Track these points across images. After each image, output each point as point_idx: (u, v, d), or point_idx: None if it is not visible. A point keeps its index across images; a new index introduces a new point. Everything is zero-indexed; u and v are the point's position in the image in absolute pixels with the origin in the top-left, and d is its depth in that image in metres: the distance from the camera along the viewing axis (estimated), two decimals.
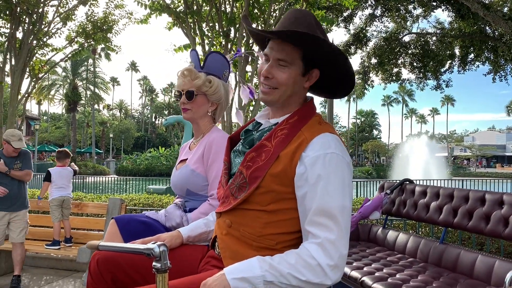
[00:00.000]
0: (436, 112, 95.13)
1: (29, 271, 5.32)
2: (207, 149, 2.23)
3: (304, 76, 1.53)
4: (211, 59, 2.33)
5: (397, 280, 2.63)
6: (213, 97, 2.32)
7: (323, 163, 1.39)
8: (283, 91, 1.51)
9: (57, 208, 5.19)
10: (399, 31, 16.13)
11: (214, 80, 2.30)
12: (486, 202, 2.77)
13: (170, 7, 7.08)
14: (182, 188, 2.28)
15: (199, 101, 2.30)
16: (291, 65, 1.49)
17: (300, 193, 1.42)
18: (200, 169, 2.22)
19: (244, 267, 1.35)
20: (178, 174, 2.30)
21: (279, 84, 1.50)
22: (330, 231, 1.35)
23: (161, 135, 76.09)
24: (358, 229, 3.79)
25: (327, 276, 1.34)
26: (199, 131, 2.38)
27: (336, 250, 1.34)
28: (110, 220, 2.20)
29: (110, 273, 1.66)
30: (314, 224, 1.38)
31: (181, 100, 2.30)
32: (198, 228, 1.88)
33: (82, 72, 52.64)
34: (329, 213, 1.36)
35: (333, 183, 1.38)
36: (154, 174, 34.42)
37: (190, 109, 2.30)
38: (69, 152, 5.69)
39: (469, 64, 16.00)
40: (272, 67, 1.50)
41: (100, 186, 17.03)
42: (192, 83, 2.27)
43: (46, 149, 51.53)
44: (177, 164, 2.43)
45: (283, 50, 1.48)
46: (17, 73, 9.48)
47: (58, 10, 10.06)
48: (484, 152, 65.55)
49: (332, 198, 1.37)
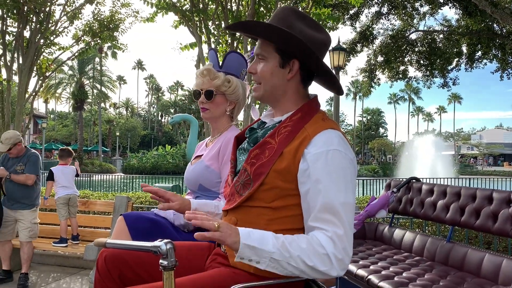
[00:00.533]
0: (443, 110, 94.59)
1: (37, 268, 5.37)
2: (223, 147, 2.25)
3: (283, 68, 1.56)
4: (230, 59, 2.36)
5: (403, 278, 2.62)
6: (231, 96, 2.35)
7: (326, 160, 1.40)
8: (264, 83, 1.58)
9: (64, 207, 5.21)
10: (405, 28, 16.04)
11: (232, 80, 2.33)
12: (493, 200, 2.76)
13: (176, 6, 7.10)
14: (195, 183, 2.31)
15: (218, 101, 2.33)
16: (268, 58, 1.56)
17: (303, 189, 1.43)
18: (215, 165, 2.25)
19: (258, 237, 1.34)
20: (193, 169, 2.34)
21: (261, 78, 1.58)
22: (337, 226, 1.37)
23: (167, 133, 76.30)
24: (364, 227, 3.78)
25: (333, 267, 1.35)
26: (216, 130, 2.41)
27: (343, 244, 1.36)
28: (118, 217, 2.21)
29: (117, 270, 1.67)
30: (319, 220, 1.39)
31: (200, 99, 2.33)
32: (207, 206, 1.98)
33: (88, 70, 52.83)
34: (333, 209, 1.37)
35: (335, 180, 1.39)
36: (160, 172, 34.56)
37: (209, 108, 2.33)
38: (72, 150, 5.65)
39: (476, 61, 15.88)
40: (255, 63, 1.60)
41: (106, 184, 17.11)
42: (211, 82, 2.30)
43: (53, 147, 51.80)
44: (192, 159, 2.46)
45: (260, 45, 1.58)
46: (25, 71, 9.54)
47: (65, 9, 10.10)
48: (492, 150, 65.07)
49: (335, 195, 1.38)
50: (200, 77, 2.32)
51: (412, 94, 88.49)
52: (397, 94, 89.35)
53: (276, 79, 1.57)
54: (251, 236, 1.34)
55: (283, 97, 1.60)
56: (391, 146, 73.48)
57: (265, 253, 1.33)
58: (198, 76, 2.34)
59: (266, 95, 1.60)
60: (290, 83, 1.59)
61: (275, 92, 1.59)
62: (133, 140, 63.80)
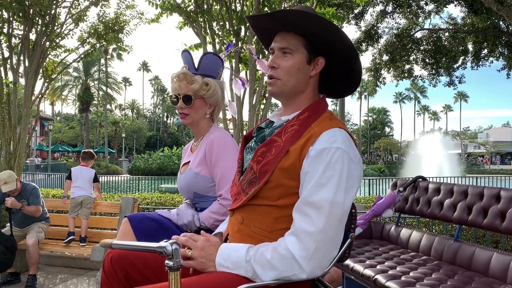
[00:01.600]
0: (449, 109, 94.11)
1: (44, 269, 5.39)
2: (208, 150, 2.22)
3: (309, 64, 1.55)
4: (206, 61, 2.31)
5: (410, 278, 2.60)
6: (210, 99, 2.31)
7: (325, 156, 1.39)
8: (286, 80, 1.54)
9: (75, 207, 5.30)
10: (411, 27, 15.97)
11: (210, 83, 2.28)
12: (501, 199, 2.73)
13: (180, 7, 7.11)
14: (189, 192, 2.29)
15: (197, 105, 2.28)
16: (295, 52, 1.53)
17: (300, 185, 1.44)
18: (204, 171, 2.22)
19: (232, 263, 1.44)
20: (183, 178, 2.30)
21: (283, 73, 1.53)
22: (311, 222, 1.35)
23: (172, 135, 76.46)
24: (371, 227, 3.76)
25: (301, 269, 1.35)
26: (198, 134, 2.37)
27: (313, 242, 1.35)
28: (123, 219, 2.22)
29: (123, 271, 1.67)
30: (298, 212, 1.39)
31: (178, 105, 2.27)
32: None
33: (94, 72, 53.10)
34: (315, 204, 1.36)
35: (328, 176, 1.38)
36: (166, 173, 34.58)
37: (189, 113, 2.28)
38: (94, 153, 5.89)
39: (482, 59, 15.77)
40: (277, 57, 1.54)
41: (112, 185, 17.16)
42: (188, 87, 2.24)
43: (60, 149, 52.17)
44: (181, 167, 2.42)
45: (285, 39, 1.53)
46: (31, 74, 9.58)
47: (70, 12, 10.13)
48: (499, 149, 64.63)
49: (322, 190, 1.37)
50: (177, 82, 2.26)
51: (418, 93, 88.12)
52: (402, 93, 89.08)
53: (301, 75, 1.55)
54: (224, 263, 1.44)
55: (301, 94, 1.58)
56: (397, 145, 73.15)
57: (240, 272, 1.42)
58: (174, 81, 2.27)
59: (286, 91, 1.57)
60: (311, 80, 1.58)
61: (296, 88, 1.57)
62: (139, 141, 64.00)
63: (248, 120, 7.18)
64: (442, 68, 16.15)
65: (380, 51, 16.22)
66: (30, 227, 4.95)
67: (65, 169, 29.98)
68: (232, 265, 1.43)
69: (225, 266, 1.44)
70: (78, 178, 5.51)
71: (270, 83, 1.56)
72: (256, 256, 1.40)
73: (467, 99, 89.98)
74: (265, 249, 1.41)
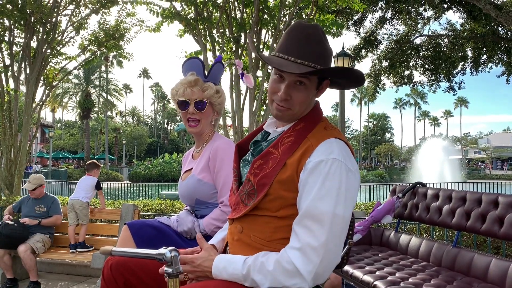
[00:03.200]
0: (450, 114, 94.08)
1: (45, 276, 5.39)
2: (212, 157, 2.22)
3: (317, 89, 1.55)
4: (216, 69, 2.34)
5: (410, 284, 2.61)
6: (218, 107, 2.34)
7: (323, 168, 1.40)
8: (298, 110, 1.52)
9: (70, 212, 5.36)
10: (410, 33, 16.05)
11: (221, 91, 2.31)
12: (499, 205, 2.74)
13: (181, 14, 7.16)
14: (191, 198, 2.29)
15: (208, 112, 2.30)
16: (309, 82, 1.50)
17: (298, 196, 1.44)
18: (207, 178, 2.22)
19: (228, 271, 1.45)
20: (185, 185, 2.29)
21: (296, 104, 1.50)
22: (314, 236, 1.36)
23: (173, 141, 76.51)
24: (370, 233, 3.77)
25: (305, 281, 1.37)
26: (201, 140, 2.38)
27: (317, 255, 1.35)
28: (123, 226, 2.23)
29: (123, 278, 1.68)
30: (300, 225, 1.40)
31: (189, 110, 2.25)
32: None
33: (95, 79, 53.23)
34: (317, 217, 1.37)
35: (328, 188, 1.38)
36: (166, 180, 34.57)
37: (200, 119, 2.28)
38: (97, 163, 6.06)
39: (482, 65, 15.85)
40: (290, 88, 1.49)
41: (113, 192, 17.17)
42: (202, 93, 2.25)
43: (61, 156, 52.19)
44: (182, 174, 2.42)
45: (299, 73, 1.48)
46: (32, 81, 9.63)
47: (71, 19, 10.20)
48: (499, 154, 64.58)
49: (322, 202, 1.37)
50: (188, 88, 2.24)
51: (418, 99, 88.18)
52: (402, 99, 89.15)
53: (311, 102, 1.56)
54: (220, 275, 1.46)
55: (305, 112, 1.57)
56: (398, 151, 73.17)
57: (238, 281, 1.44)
58: (185, 86, 2.24)
59: (294, 118, 1.55)
60: (314, 100, 1.59)
61: (304, 113, 1.56)
62: (140, 148, 64.03)
63: (248, 126, 7.21)
64: (441, 74, 16.22)
65: (380, 57, 16.30)
66: (32, 235, 4.97)
67: (66, 176, 29.99)
68: (228, 277, 1.45)
69: (220, 277, 1.47)
70: (78, 184, 5.75)
71: (280, 110, 1.52)
72: (255, 265, 1.41)
73: (468, 104, 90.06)
74: (266, 259, 1.41)
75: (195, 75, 2.28)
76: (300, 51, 1.46)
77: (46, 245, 5.07)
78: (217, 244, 1.77)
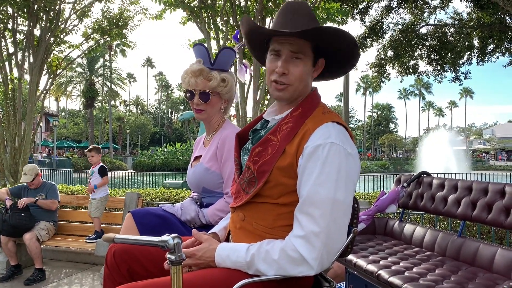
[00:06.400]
0: (454, 105, 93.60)
1: (49, 264, 5.42)
2: (220, 146, 2.21)
3: (313, 67, 1.54)
4: (223, 55, 2.28)
5: (414, 273, 2.60)
6: (226, 95, 2.31)
7: (321, 153, 1.38)
8: (297, 86, 1.50)
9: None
10: (416, 22, 15.88)
11: (228, 79, 2.26)
12: (506, 194, 2.71)
13: (184, 2, 7.10)
14: (198, 186, 2.29)
15: (214, 102, 2.26)
16: (305, 57, 1.49)
17: (298, 182, 1.43)
18: (215, 167, 2.21)
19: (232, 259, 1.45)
20: (193, 172, 2.30)
21: (294, 80, 1.49)
22: (316, 222, 1.36)
23: (177, 130, 76.60)
24: (374, 222, 3.75)
25: (311, 268, 1.37)
26: (211, 128, 2.36)
27: (320, 241, 1.35)
28: (127, 214, 2.23)
29: (126, 265, 1.68)
30: (302, 212, 1.39)
31: (194, 101, 2.23)
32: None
33: (98, 68, 53.16)
34: (317, 203, 1.36)
35: (326, 172, 1.37)
36: (170, 169, 34.64)
37: (205, 109, 2.26)
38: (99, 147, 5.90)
39: (488, 55, 15.69)
40: (288, 62, 1.48)
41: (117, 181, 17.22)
42: (206, 83, 2.21)
43: (65, 144, 52.36)
44: (192, 161, 2.41)
45: (297, 43, 1.47)
46: (35, 70, 9.62)
47: (74, 7, 10.16)
48: (504, 145, 64.29)
49: (322, 188, 1.36)
50: (193, 77, 2.20)
51: (423, 89, 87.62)
52: (407, 89, 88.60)
53: (309, 79, 1.54)
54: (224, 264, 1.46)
55: (304, 94, 1.56)
56: (402, 141, 73.00)
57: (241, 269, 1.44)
58: (190, 76, 2.21)
59: (294, 96, 1.54)
60: (311, 80, 1.58)
61: (303, 91, 1.54)
62: (144, 137, 64.16)
63: (252, 115, 7.18)
64: (447, 64, 16.07)
65: (385, 47, 16.15)
66: (37, 223, 4.99)
67: (70, 165, 30.11)
68: (232, 265, 1.45)
69: (224, 266, 1.47)
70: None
71: (280, 88, 1.50)
72: (260, 254, 1.41)
73: (473, 95, 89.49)
74: (270, 247, 1.41)
75: (201, 62, 2.24)
76: (292, 24, 1.47)
77: (50, 232, 5.10)
78: (219, 232, 1.76)
